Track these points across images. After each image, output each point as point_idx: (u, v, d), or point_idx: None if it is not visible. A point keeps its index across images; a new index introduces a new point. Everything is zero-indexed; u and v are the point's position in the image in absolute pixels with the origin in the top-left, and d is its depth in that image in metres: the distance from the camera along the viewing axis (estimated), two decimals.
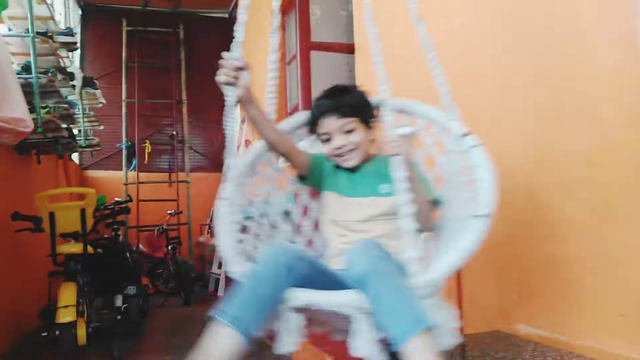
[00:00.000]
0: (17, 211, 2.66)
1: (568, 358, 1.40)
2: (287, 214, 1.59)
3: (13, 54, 2.96)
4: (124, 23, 6.46)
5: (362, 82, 2.92)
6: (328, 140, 1.47)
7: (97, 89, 4.45)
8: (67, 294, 2.42)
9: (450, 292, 2.03)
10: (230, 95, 1.27)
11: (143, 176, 6.25)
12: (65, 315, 2.34)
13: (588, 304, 1.50)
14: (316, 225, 1.60)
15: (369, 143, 1.50)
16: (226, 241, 1.28)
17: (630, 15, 1.34)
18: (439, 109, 1.48)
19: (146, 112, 6.51)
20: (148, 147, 6.37)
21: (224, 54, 1.30)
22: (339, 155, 1.47)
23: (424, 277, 1.10)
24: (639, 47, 1.32)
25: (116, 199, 4.11)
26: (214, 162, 6.83)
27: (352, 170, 1.50)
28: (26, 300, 3.27)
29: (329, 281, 1.24)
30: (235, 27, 1.30)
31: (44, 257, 2.73)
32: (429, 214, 1.40)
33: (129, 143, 6.30)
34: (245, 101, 1.32)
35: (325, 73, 3.16)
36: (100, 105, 4.84)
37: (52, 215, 2.58)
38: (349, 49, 3.11)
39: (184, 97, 6.59)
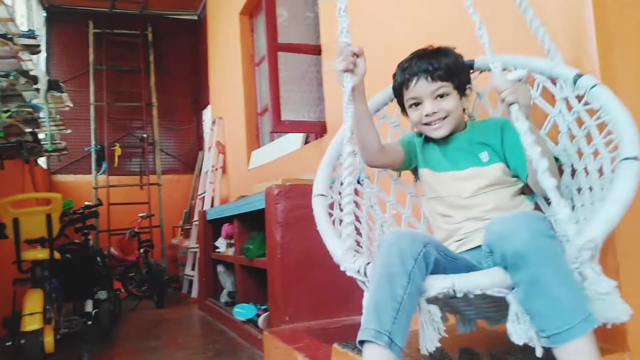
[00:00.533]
0: None
1: None
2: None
3: None
4: (91, 25, 6.36)
5: (330, 84, 2.97)
6: (417, 104, 1.33)
7: (63, 92, 4.35)
8: (33, 301, 2.38)
9: None
10: (348, 82, 1.21)
11: (114, 179, 6.16)
12: (31, 323, 2.31)
13: None
14: (414, 211, 1.55)
15: (462, 112, 1.36)
16: (331, 239, 1.22)
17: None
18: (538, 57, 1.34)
19: (115, 115, 6.43)
20: (118, 150, 6.28)
21: (341, 41, 1.21)
22: (427, 124, 1.33)
23: (581, 239, 0.94)
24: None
25: (85, 203, 4.05)
26: (185, 164, 6.79)
27: (443, 141, 1.37)
28: None
29: (458, 265, 1.11)
30: (340, 13, 1.21)
31: (9, 264, 2.68)
32: (557, 171, 1.24)
33: (98, 146, 6.20)
34: (359, 92, 1.24)
35: (294, 74, 3.18)
36: (67, 108, 4.74)
37: (16, 221, 2.54)
38: (316, 50, 3.13)
39: (154, 99, 6.52)
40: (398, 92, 1.39)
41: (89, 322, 3.11)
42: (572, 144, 1.27)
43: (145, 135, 6.48)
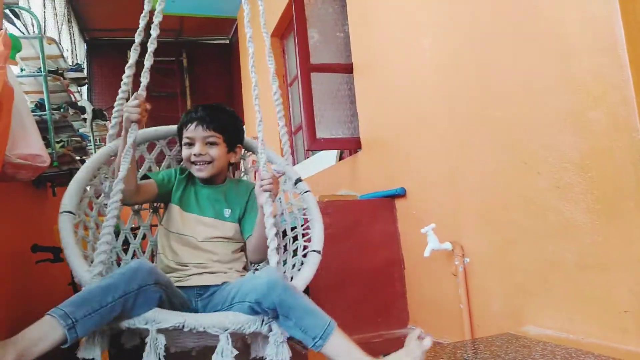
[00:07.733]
0: (36, 243, 2.74)
1: (576, 355, 1.41)
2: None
3: (27, 92, 3.09)
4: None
5: (362, 98, 3.03)
6: (190, 144, 1.60)
7: (106, 120, 4.58)
8: None
9: (459, 298, 2.08)
10: (134, 130, 1.45)
11: None
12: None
13: (593, 302, 1.54)
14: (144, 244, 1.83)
15: (226, 164, 1.66)
16: (78, 260, 1.28)
17: (611, 20, 1.41)
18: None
19: None
20: None
21: (139, 94, 1.52)
22: (194, 163, 1.60)
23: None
24: (620, 53, 1.39)
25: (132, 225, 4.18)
26: None
27: (201, 186, 1.65)
28: None
29: (175, 302, 1.32)
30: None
31: (62, 286, 2.80)
32: (281, 247, 1.60)
33: None
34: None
35: (327, 93, 3.25)
36: None
37: None
38: (348, 69, 3.20)
39: None
40: (179, 130, 1.65)
41: None
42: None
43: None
